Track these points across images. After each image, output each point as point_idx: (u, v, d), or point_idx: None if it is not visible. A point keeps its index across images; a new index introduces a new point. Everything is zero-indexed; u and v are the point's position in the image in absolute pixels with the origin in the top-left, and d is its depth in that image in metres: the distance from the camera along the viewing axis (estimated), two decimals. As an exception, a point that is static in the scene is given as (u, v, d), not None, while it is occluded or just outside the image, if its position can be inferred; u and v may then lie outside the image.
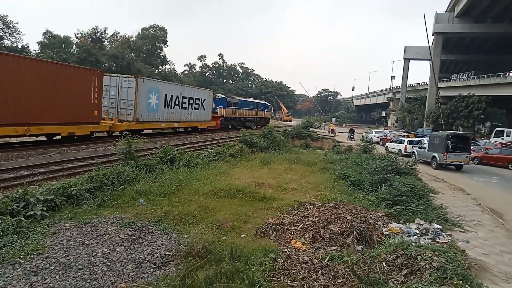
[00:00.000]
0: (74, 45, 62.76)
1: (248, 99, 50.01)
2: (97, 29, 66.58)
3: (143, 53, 73.07)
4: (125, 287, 5.56)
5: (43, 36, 60.51)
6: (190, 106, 29.08)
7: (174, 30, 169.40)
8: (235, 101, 40.34)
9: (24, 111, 15.26)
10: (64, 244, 6.69)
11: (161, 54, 78.20)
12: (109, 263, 6.15)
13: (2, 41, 48.15)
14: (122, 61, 61.04)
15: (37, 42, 59.70)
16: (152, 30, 76.57)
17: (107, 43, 70.89)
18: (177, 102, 27.08)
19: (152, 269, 6.17)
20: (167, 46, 78.68)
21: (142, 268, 6.16)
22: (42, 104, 16.02)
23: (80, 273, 5.78)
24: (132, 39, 72.05)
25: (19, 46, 51.20)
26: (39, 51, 54.61)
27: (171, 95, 26.36)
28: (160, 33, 76.72)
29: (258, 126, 39.34)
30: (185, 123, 28.79)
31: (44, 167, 12.79)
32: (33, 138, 17.29)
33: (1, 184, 10.04)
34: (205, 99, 31.75)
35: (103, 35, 68.11)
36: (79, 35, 65.68)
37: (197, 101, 30.25)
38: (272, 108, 61.90)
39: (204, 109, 31.55)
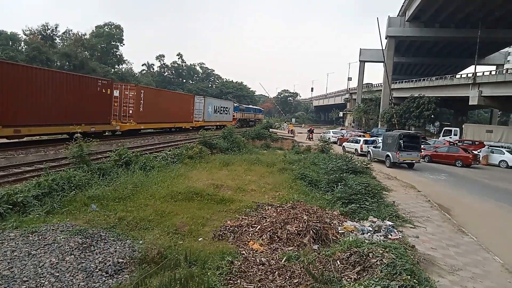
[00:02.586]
0: (23, 42, 59.41)
1: (249, 106, 71.00)
2: (47, 26, 63.19)
3: (97, 51, 70.27)
4: None
5: (-14, 33, 56.89)
6: (223, 112, 45.61)
7: (131, 29, 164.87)
8: (242, 107, 60.35)
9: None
10: (8, 255, 6.28)
11: (117, 53, 75.60)
12: (58, 274, 5.84)
13: None
14: (75, 60, 58.45)
15: (-21, 39, 56.07)
16: (107, 28, 73.76)
17: (59, 41, 67.71)
18: (218, 110, 43.65)
19: (104, 278, 5.94)
20: (123, 44, 76.19)
21: (93, 277, 5.91)
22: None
23: (25, 286, 5.44)
24: (85, 37, 69.16)
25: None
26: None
27: (215, 106, 42.74)
28: (116, 31, 74.13)
29: (255, 124, 55.59)
30: (221, 123, 43.77)
31: (-13, 173, 11.97)
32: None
33: None
34: (229, 107, 48.93)
35: (54, 32, 64.78)
36: (28, 32, 62.15)
37: (226, 109, 46.84)
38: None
39: (228, 114, 47.86)
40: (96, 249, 6.82)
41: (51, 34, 64.14)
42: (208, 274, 5.98)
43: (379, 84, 72.00)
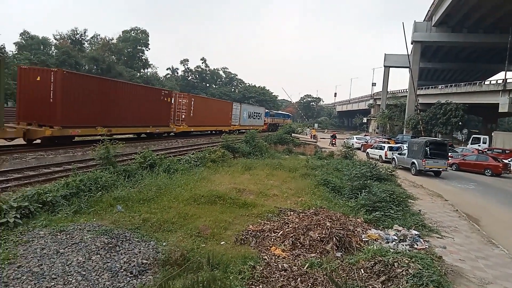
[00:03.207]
0: (53, 46, 61.48)
1: (279, 112, 77.52)
2: (76, 31, 65.43)
3: (124, 56, 72.05)
4: None
5: (20, 37, 59.09)
6: (255, 117, 50.21)
7: (156, 34, 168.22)
8: (272, 113, 65.01)
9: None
10: (38, 253, 6.48)
11: (143, 57, 77.27)
12: (84, 272, 5.98)
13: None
14: (102, 63, 60.11)
15: (14, 43, 58.32)
16: (133, 33, 75.57)
17: (87, 45, 69.75)
18: (251, 116, 48.27)
19: (128, 278, 6.04)
20: (149, 49, 77.86)
21: (118, 277, 6.02)
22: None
23: (53, 283, 5.60)
24: (113, 41, 71.03)
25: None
26: (15, 52, 53.20)
27: (249, 112, 47.75)
28: (142, 35, 75.85)
29: None
30: (254, 127, 43.65)
31: (19, 172, 12.41)
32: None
33: (-28, 190, 9.69)
34: (261, 113, 53.65)
35: (83, 37, 66.98)
36: (58, 36, 64.40)
37: (258, 115, 51.66)
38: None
39: (260, 119, 52.53)
40: (121, 250, 6.94)
41: (80, 39, 66.26)
42: (230, 278, 5.98)
43: (404, 90, 70.73)
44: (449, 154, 26.32)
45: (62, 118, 17.67)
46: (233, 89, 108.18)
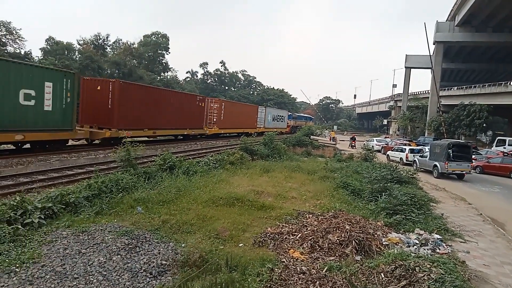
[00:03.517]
0: (77, 51, 63.02)
1: (301, 114, 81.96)
2: (99, 36, 66.83)
3: (145, 60, 73.26)
4: None
5: (46, 43, 60.77)
6: (279, 120, 52.94)
7: (176, 37, 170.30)
8: (295, 116, 69.62)
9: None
10: (61, 252, 6.65)
11: (163, 61, 78.32)
12: (105, 273, 6.09)
13: (5, 48, 48.37)
14: (124, 68, 61.24)
15: (40, 49, 60.00)
16: (154, 37, 76.76)
17: (109, 50, 71.17)
18: (275, 118, 51.13)
19: (148, 278, 6.11)
20: (169, 53, 78.86)
21: (138, 277, 6.10)
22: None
23: (75, 283, 5.73)
24: (134, 46, 72.32)
25: (22, 53, 51.40)
26: (41, 57, 54.81)
27: (273, 115, 50.49)
28: (162, 40, 76.94)
29: None
30: (277, 129, 46.76)
31: (44, 174, 12.77)
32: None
33: (0, 191, 10.02)
34: (284, 116, 56.52)
35: (105, 42, 68.35)
36: (82, 41, 65.95)
37: (281, 117, 54.39)
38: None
39: (283, 122, 55.16)
40: (141, 250, 7.05)
41: (103, 44, 67.66)
42: (249, 280, 5.98)
43: (426, 91, 69.37)
44: (473, 156, 25.62)
45: (118, 122, 20.40)
46: (251, 92, 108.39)
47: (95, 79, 23.40)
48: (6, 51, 46.41)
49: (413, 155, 26.96)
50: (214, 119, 32.98)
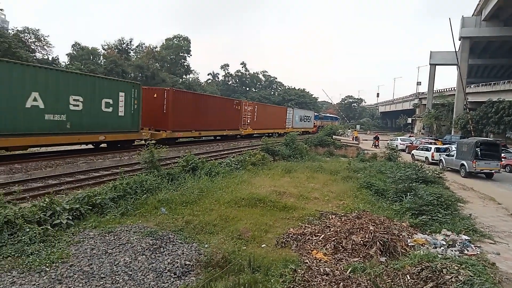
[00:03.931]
0: (101, 56, 64.59)
1: (327, 115, 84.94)
2: (123, 40, 68.25)
3: (167, 63, 74.36)
4: None
5: (72, 48, 62.55)
6: (306, 120, 55.75)
7: (197, 40, 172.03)
8: (321, 116, 72.79)
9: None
10: (88, 252, 6.83)
11: (185, 63, 79.31)
12: (131, 272, 6.21)
13: (34, 54, 50.05)
14: (147, 71, 62.33)
15: (66, 54, 61.80)
16: (176, 40, 77.86)
17: (133, 54, 72.61)
18: (302, 119, 53.81)
19: (172, 278, 6.19)
20: (191, 55, 79.81)
21: (163, 277, 6.19)
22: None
23: (102, 282, 5.86)
24: (156, 49, 73.53)
25: (50, 59, 53.05)
26: (68, 62, 56.43)
27: (300, 115, 53.22)
28: (184, 43, 77.93)
29: None
30: (305, 129, 51.64)
31: (71, 176, 13.15)
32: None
33: (30, 193, 10.39)
34: (311, 116, 59.35)
35: (128, 46, 69.76)
36: (106, 46, 67.52)
37: (308, 118, 57.20)
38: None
39: (310, 122, 58.00)
40: (165, 251, 7.15)
41: (126, 48, 69.09)
42: (271, 281, 5.97)
43: (452, 88, 67.56)
44: (502, 155, 24.75)
45: (172, 124, 23.70)
46: (272, 92, 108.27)
47: (152, 88, 26.38)
48: (35, 58, 47.99)
49: (439, 154, 26.29)
50: (248, 121, 35.94)
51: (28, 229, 7.04)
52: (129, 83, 21.18)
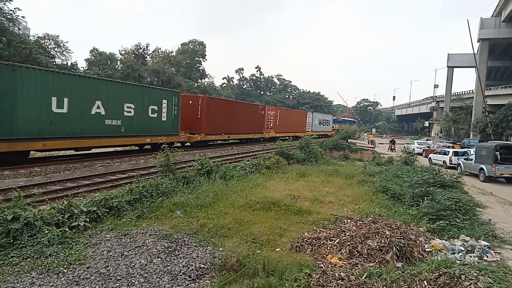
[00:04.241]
0: (119, 61, 65.72)
1: (345, 118, 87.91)
2: (139, 46, 69.38)
3: (183, 67, 75.16)
4: None
5: (90, 54, 63.95)
6: (325, 124, 58.22)
7: (212, 44, 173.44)
8: (339, 120, 75.74)
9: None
10: (105, 255, 6.92)
11: (200, 68, 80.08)
12: (146, 275, 6.27)
13: (53, 60, 51.26)
14: (163, 75, 63.14)
15: (85, 59, 63.22)
16: (191, 45, 78.70)
17: (149, 59, 73.69)
18: (321, 122, 56.15)
19: (187, 281, 6.22)
20: (206, 60, 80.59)
21: (178, 280, 6.23)
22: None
23: (118, 284, 5.93)
24: (172, 54, 74.43)
25: (69, 64, 54.31)
26: (86, 67, 57.61)
27: (319, 119, 55.35)
28: (199, 47, 78.70)
29: None
30: (323, 132, 55.56)
31: (89, 179, 13.39)
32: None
33: (49, 196, 10.60)
34: (329, 120, 61.84)
35: (145, 51, 70.83)
36: (123, 51, 68.69)
37: (327, 122, 59.72)
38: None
39: (329, 125, 60.46)
40: (180, 254, 7.20)
41: (143, 53, 70.14)
42: (286, 285, 5.94)
43: (471, 91, 66.30)
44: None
45: (205, 128, 26.25)
46: (287, 96, 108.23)
47: (188, 95, 29.05)
48: (54, 63, 49.15)
49: (457, 158, 25.83)
50: (271, 125, 38.35)
51: (47, 231, 7.17)
52: (170, 92, 23.84)
